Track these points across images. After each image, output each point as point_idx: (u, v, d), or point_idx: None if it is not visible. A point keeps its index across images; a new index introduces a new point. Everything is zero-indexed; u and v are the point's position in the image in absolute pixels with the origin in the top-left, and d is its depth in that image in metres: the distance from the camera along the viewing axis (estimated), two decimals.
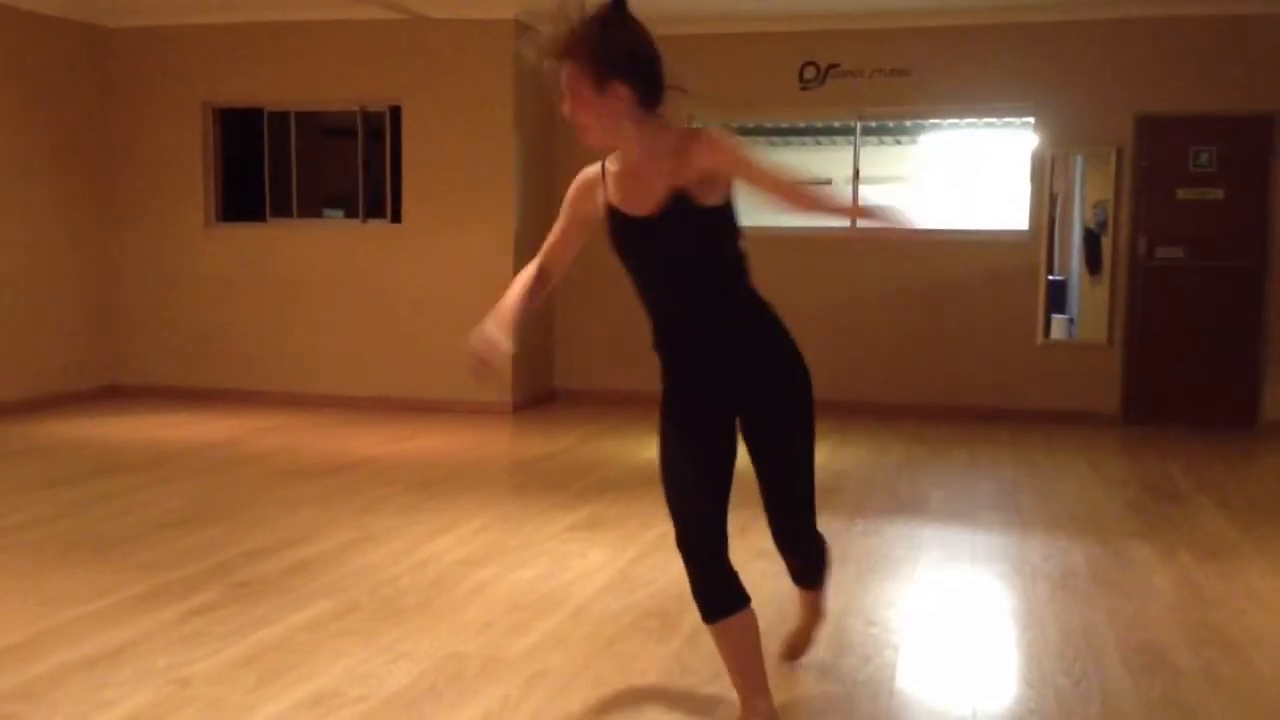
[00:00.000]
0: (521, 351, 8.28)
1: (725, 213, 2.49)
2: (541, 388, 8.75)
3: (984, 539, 4.74)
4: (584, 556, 4.32)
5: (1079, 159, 8.44)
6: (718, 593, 2.56)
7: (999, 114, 8.45)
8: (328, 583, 3.90)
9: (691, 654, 3.27)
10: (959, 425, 7.79)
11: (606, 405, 8.54)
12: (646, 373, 9.40)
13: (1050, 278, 8.24)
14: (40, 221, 8.08)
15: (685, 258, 2.50)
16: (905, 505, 5.38)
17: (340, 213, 8.74)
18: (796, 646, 3.20)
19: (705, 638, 3.40)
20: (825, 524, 4.81)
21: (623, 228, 2.53)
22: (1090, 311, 8.38)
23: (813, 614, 3.17)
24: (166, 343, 8.70)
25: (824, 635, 3.44)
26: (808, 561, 2.94)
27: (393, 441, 6.96)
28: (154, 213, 8.63)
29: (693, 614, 3.59)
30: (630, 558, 4.30)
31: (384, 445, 6.81)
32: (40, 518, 4.82)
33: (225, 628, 3.41)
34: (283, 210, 8.57)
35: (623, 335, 8.74)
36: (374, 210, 8.44)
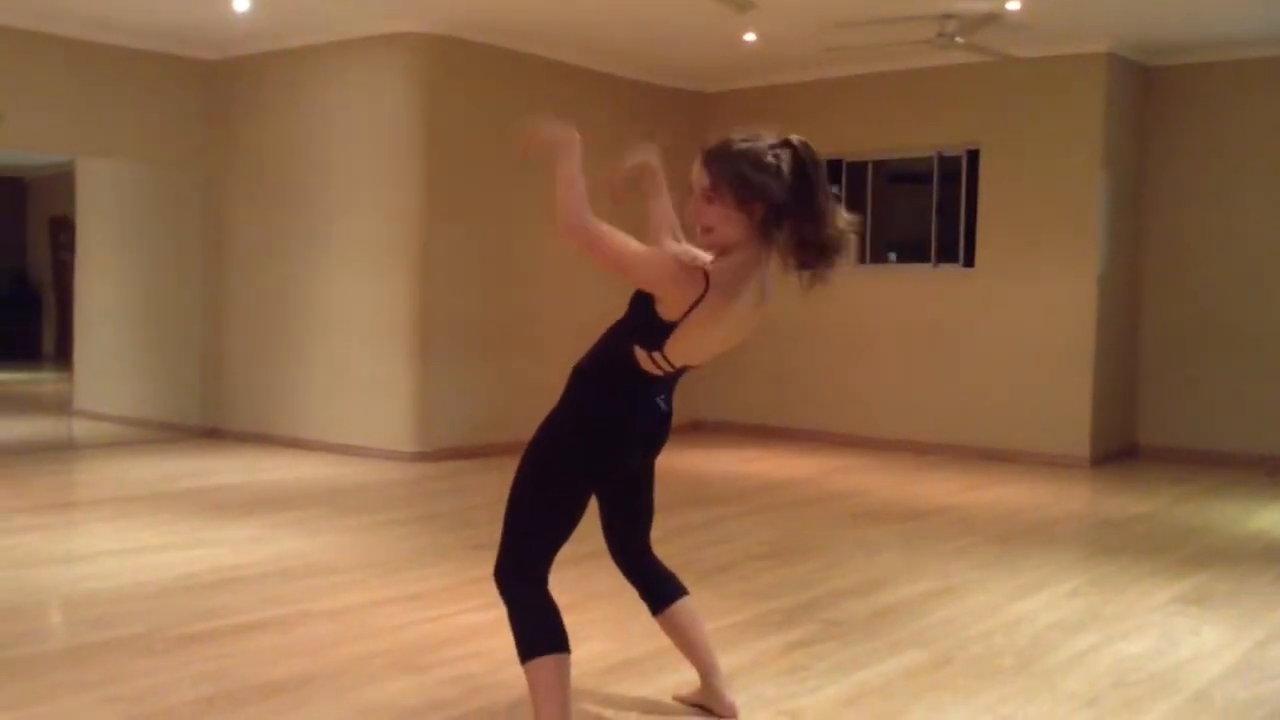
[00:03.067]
0: (1099, 400, 7.78)
1: (640, 316, 2.67)
2: (1123, 441, 8.16)
3: None
4: (1196, 634, 3.92)
5: None
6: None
7: None
8: (916, 631, 3.89)
9: None
10: None
11: (1198, 464, 7.77)
12: (1246, 431, 8.45)
13: None
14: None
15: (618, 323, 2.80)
16: None
17: (894, 256, 8.80)
18: None
19: None
20: None
21: None
22: None
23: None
24: (744, 381, 9.29)
25: None
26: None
27: (964, 490, 6.84)
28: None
29: None
30: (1255, 641, 3.83)
31: (955, 493, 6.71)
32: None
33: (825, 665, 3.52)
34: (856, 256, 8.81)
35: (1220, 388, 7.91)
36: (945, 254, 8.40)
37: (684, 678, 3.34)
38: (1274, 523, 5.97)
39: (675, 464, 7.68)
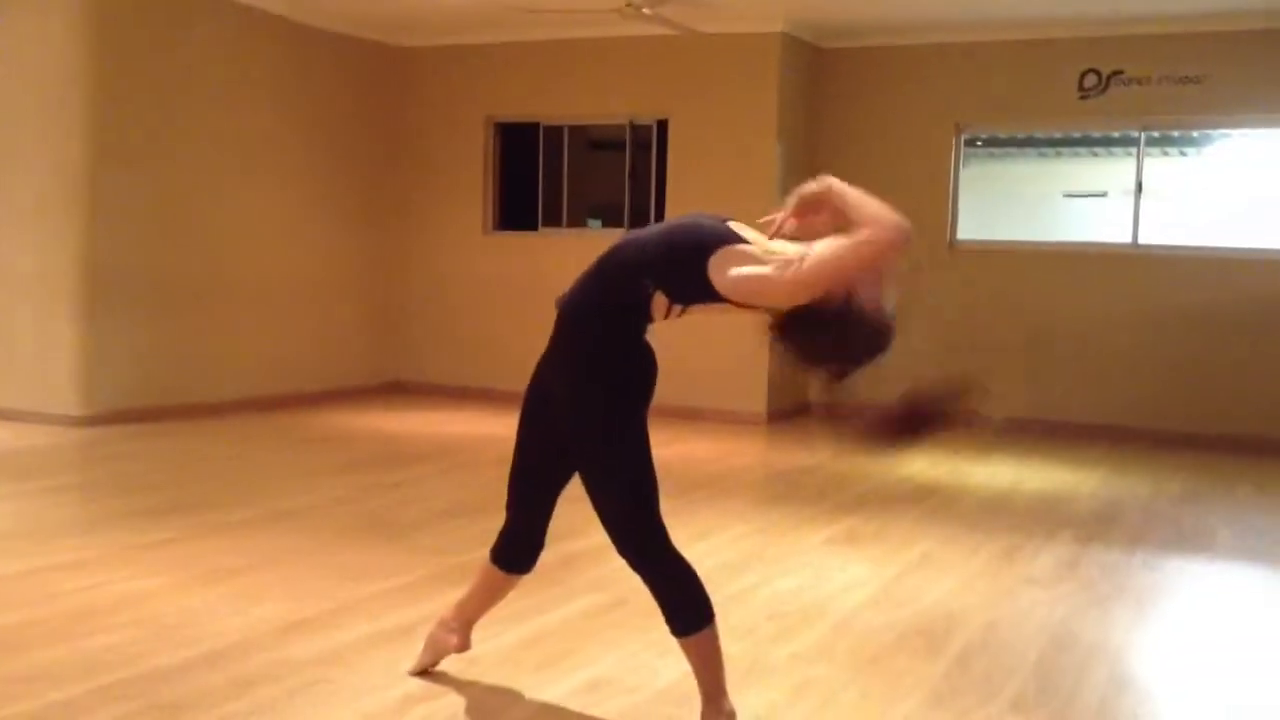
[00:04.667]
0: (776, 364, 8.32)
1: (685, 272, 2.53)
2: (796, 400, 8.75)
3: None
4: (844, 570, 4.31)
5: None
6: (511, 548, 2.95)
7: None
8: (596, 577, 4.06)
9: (961, 676, 3.21)
10: (1246, 457, 7.25)
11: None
12: (902, 389, 9.20)
13: None
14: (334, 227, 8.77)
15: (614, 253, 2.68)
16: (1189, 540, 5.07)
17: (599, 223, 9.04)
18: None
19: (975, 660, 3.34)
20: (1100, 556, 4.64)
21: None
22: None
23: (696, 678, 2.69)
24: (444, 343, 9.26)
25: (1101, 666, 3.30)
26: (651, 592, 2.69)
27: (653, 447, 7.12)
28: (437, 220, 9.21)
29: (959, 636, 3.55)
30: (893, 574, 4.25)
31: None
32: (337, 500, 5.24)
33: (506, 612, 3.59)
34: (553, 220, 8.97)
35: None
36: (637, 220, 8.69)
37: (359, 634, 3.35)
38: (921, 469, 6.61)
39: (372, 424, 7.58)
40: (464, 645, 3.07)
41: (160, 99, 7.31)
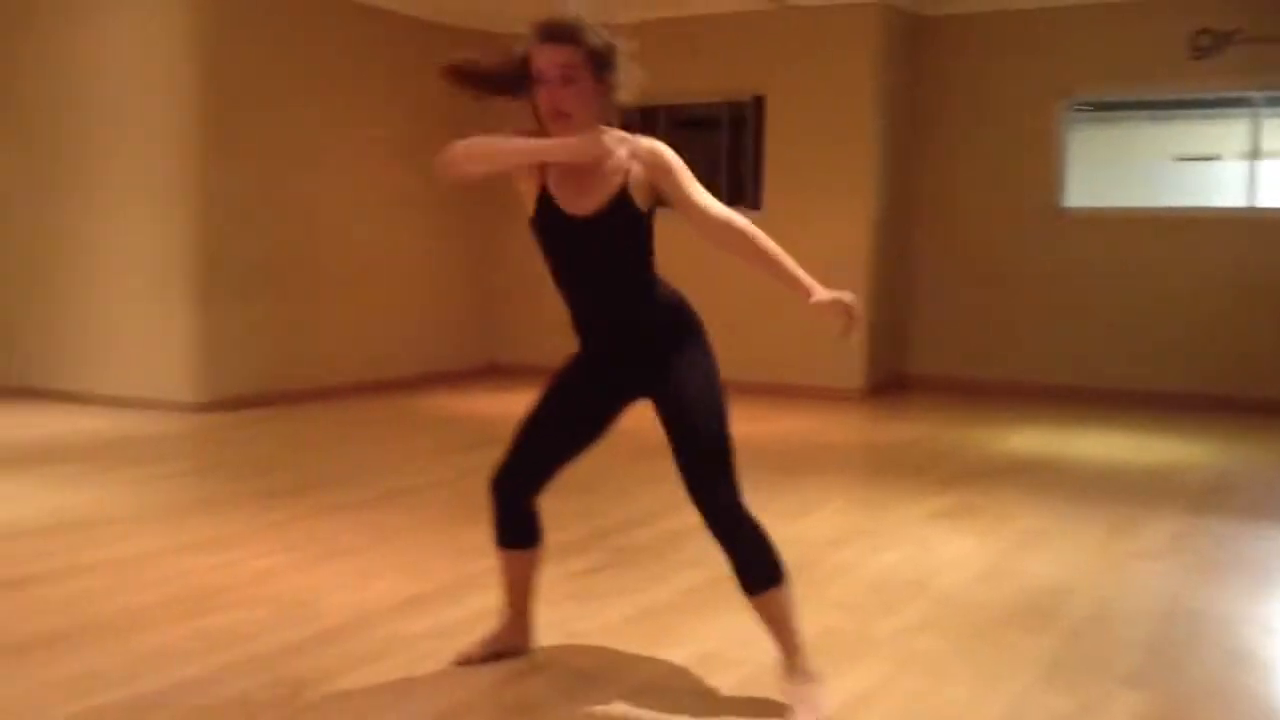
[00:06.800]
0: (873, 335, 8.25)
1: (649, 217, 2.70)
2: (894, 373, 8.67)
3: None
4: (949, 544, 4.27)
5: None
6: (508, 528, 3.06)
7: None
8: (697, 553, 4.08)
9: (1069, 651, 3.16)
10: None
11: (961, 393, 8.34)
12: (1005, 361, 9.08)
13: None
14: (433, 212, 8.94)
15: (613, 257, 2.73)
16: None
17: None
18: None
19: (1084, 635, 3.30)
20: (1214, 528, 4.52)
21: (554, 221, 2.76)
22: None
23: (775, 641, 2.75)
24: (539, 324, 9.35)
25: (1217, 639, 3.23)
26: (730, 549, 2.73)
27: (746, 423, 7.05)
28: (520, 206, 9.29)
29: (1069, 611, 3.50)
30: (999, 549, 4.20)
31: (738, 427, 6.99)
32: (444, 480, 5.37)
33: (609, 587, 3.68)
34: None
35: (982, 322, 8.51)
36: (732, 199, 8.66)
37: (472, 609, 3.44)
38: (1023, 443, 6.50)
39: (471, 406, 7.73)
40: (524, 646, 3.08)
41: (269, 90, 7.52)
